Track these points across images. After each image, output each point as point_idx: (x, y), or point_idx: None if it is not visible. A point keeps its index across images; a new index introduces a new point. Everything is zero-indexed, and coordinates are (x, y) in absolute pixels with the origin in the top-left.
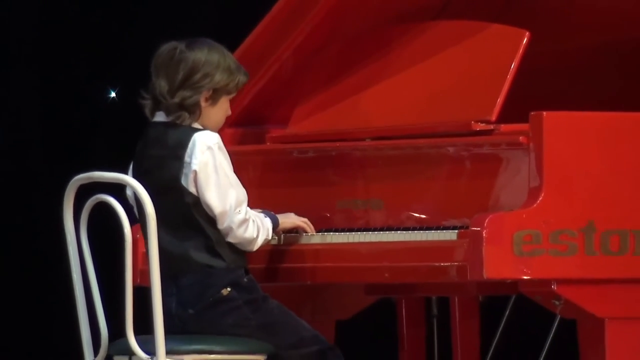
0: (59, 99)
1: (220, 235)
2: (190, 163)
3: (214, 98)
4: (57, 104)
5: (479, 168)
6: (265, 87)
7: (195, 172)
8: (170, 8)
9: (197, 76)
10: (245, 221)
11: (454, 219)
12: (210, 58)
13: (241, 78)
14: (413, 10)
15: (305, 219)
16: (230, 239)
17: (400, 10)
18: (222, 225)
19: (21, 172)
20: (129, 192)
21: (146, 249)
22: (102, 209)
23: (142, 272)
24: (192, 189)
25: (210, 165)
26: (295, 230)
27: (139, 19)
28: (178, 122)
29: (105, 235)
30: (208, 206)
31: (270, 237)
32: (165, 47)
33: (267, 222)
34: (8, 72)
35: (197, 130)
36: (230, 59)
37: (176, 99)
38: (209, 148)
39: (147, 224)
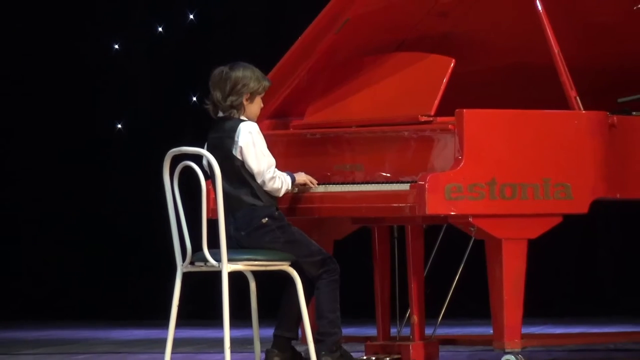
0: (161, 102)
1: (260, 186)
2: (237, 141)
3: (251, 98)
4: (159, 105)
5: (423, 145)
6: (290, 94)
7: (241, 147)
8: (230, 44)
9: (239, 86)
10: (273, 178)
11: (407, 176)
12: (245, 74)
13: (266, 83)
14: (380, 47)
15: (310, 177)
16: (265, 189)
17: (371, 47)
18: (259, 180)
19: (137, 146)
20: (204, 161)
21: (215, 195)
22: (188, 171)
23: (212, 210)
24: (239, 157)
25: (250, 143)
26: (305, 184)
27: (211, 52)
28: (231, 116)
29: (189, 187)
30: (250, 168)
31: (290, 188)
32: (217, 70)
33: (288, 179)
34: (127, 85)
35: (243, 120)
36: (257, 72)
37: (227, 102)
38: (250, 132)
39: (214, 180)
